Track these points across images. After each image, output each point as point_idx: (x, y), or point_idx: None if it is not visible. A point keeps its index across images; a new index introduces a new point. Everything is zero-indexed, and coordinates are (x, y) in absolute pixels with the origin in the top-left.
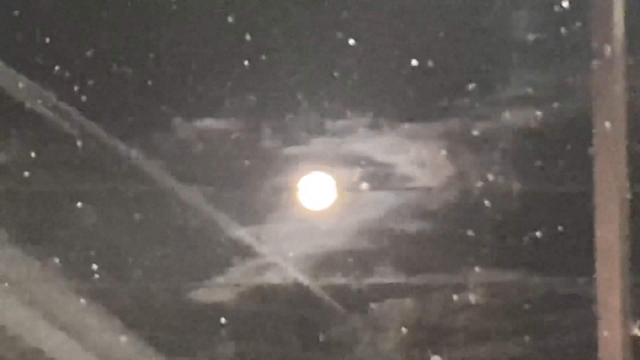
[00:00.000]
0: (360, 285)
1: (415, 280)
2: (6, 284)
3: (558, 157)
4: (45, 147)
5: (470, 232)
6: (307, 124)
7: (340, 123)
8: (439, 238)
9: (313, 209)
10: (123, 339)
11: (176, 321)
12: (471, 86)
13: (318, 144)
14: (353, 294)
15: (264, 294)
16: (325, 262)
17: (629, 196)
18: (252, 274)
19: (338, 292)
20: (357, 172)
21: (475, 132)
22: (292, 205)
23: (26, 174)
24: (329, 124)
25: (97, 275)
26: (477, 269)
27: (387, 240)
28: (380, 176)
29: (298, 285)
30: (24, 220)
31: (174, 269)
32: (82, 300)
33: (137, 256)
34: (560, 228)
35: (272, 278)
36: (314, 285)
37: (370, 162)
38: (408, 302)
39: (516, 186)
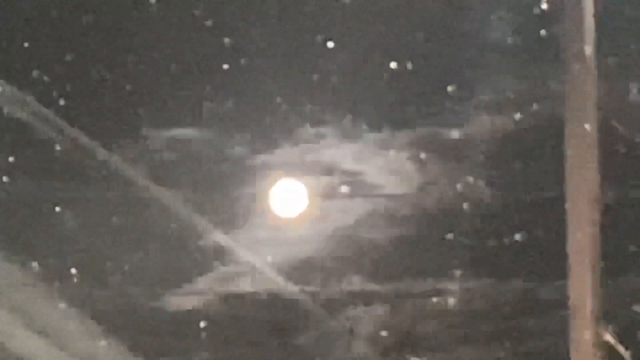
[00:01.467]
0: (335, 291)
1: (390, 286)
2: None
3: (531, 161)
4: (24, 152)
5: (446, 238)
6: (284, 130)
7: (317, 130)
8: (415, 244)
9: (287, 216)
10: (103, 343)
11: (155, 325)
12: (448, 90)
13: (293, 151)
14: (327, 300)
15: (240, 300)
16: (300, 269)
17: (600, 201)
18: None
19: (312, 298)
20: (332, 179)
21: (449, 138)
22: (266, 212)
23: (5, 178)
24: (306, 131)
25: (76, 280)
26: (451, 274)
27: (361, 247)
28: (355, 184)
29: (273, 291)
30: (3, 225)
31: (152, 274)
32: (62, 305)
33: (117, 261)
34: (534, 232)
35: (241, 286)
36: (289, 291)
37: (343, 169)
38: (384, 308)
39: (489, 191)
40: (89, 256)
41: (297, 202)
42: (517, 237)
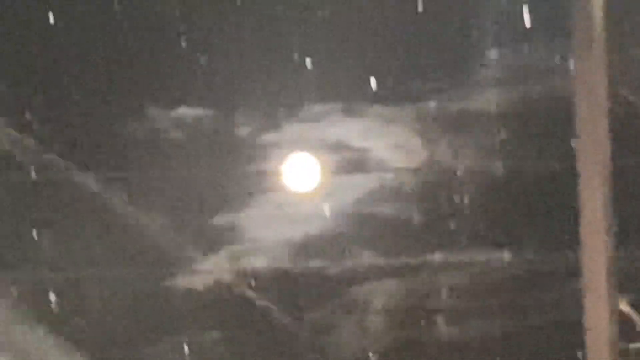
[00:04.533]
0: (339, 268)
1: (396, 261)
2: None
3: (539, 136)
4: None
5: (449, 213)
6: (290, 108)
7: (322, 107)
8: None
9: (295, 194)
10: None
11: (165, 305)
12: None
13: (299, 129)
14: (332, 277)
15: (251, 278)
16: (309, 245)
17: (612, 169)
18: (231, 260)
19: (317, 275)
20: (338, 156)
21: (456, 111)
22: (274, 190)
23: None
24: (311, 108)
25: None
26: (461, 247)
27: (370, 222)
28: (361, 160)
29: (277, 270)
30: None
31: (162, 254)
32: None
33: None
34: (545, 203)
35: (251, 263)
36: (294, 269)
37: (349, 146)
38: (389, 283)
39: (498, 165)
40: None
41: (304, 179)
42: (528, 208)
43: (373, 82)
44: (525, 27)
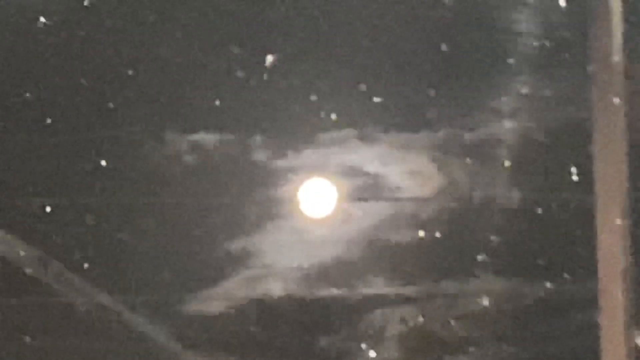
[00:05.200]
0: (354, 294)
1: (411, 289)
2: None
3: (556, 164)
4: None
5: (466, 240)
6: (305, 134)
7: (338, 134)
8: (433, 247)
9: (310, 219)
10: None
11: (180, 330)
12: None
13: (314, 154)
14: (347, 304)
15: (259, 306)
16: (325, 271)
17: (630, 199)
18: (246, 286)
19: (332, 303)
20: (354, 182)
21: (471, 140)
22: (289, 216)
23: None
24: (320, 136)
25: None
26: (473, 277)
27: (386, 249)
28: (377, 186)
29: (292, 297)
30: None
31: (177, 279)
32: None
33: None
34: (560, 237)
35: (266, 289)
36: (308, 296)
37: (365, 172)
38: (404, 311)
39: (514, 194)
40: None
41: (320, 205)
42: (544, 237)
43: (389, 108)
44: (543, 55)
